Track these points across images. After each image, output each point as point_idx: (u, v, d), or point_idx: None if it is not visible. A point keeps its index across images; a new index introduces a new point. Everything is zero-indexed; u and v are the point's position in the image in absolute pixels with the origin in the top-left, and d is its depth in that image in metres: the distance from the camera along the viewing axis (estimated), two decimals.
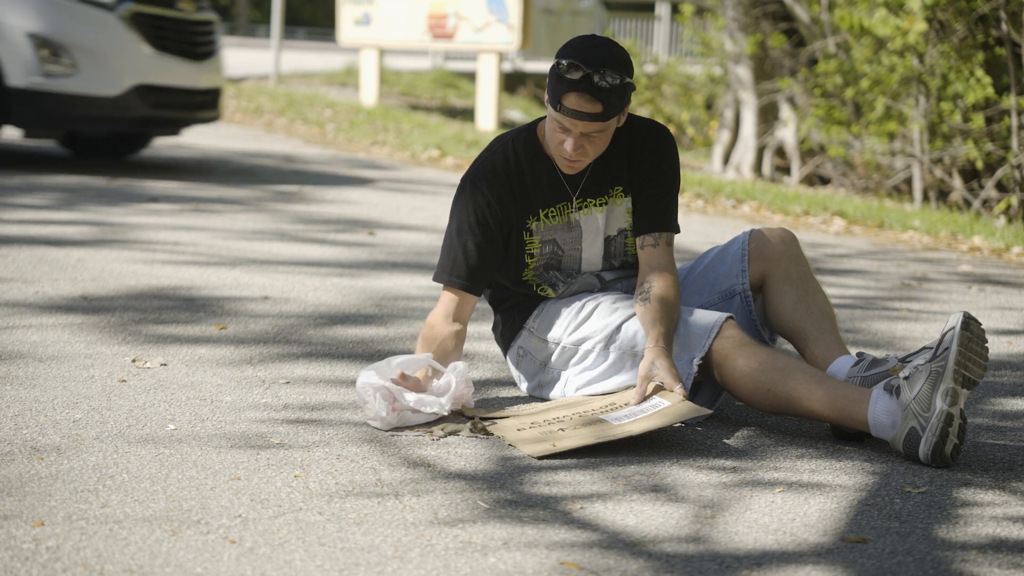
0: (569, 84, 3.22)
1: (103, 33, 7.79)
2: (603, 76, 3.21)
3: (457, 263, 3.38)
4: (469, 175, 3.43)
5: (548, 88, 3.29)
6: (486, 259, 3.40)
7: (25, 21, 7.53)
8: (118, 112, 7.91)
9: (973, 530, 2.67)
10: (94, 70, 7.74)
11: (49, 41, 7.55)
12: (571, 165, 3.37)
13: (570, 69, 3.22)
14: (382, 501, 2.67)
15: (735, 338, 3.25)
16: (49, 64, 7.58)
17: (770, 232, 3.52)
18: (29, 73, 7.56)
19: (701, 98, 15.10)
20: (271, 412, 3.28)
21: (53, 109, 7.68)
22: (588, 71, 3.20)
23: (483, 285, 3.43)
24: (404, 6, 13.05)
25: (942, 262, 6.81)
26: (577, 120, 3.25)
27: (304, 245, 5.95)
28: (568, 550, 2.46)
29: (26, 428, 3.02)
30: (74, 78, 7.66)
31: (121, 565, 2.28)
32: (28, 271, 4.87)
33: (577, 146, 3.29)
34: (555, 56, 3.28)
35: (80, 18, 7.71)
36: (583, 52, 3.24)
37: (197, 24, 8.44)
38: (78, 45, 7.67)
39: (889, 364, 3.23)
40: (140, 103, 7.98)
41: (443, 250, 3.44)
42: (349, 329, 4.28)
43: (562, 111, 3.25)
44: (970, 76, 9.60)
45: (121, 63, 7.87)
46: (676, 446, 3.17)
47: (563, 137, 3.30)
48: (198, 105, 8.54)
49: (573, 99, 3.23)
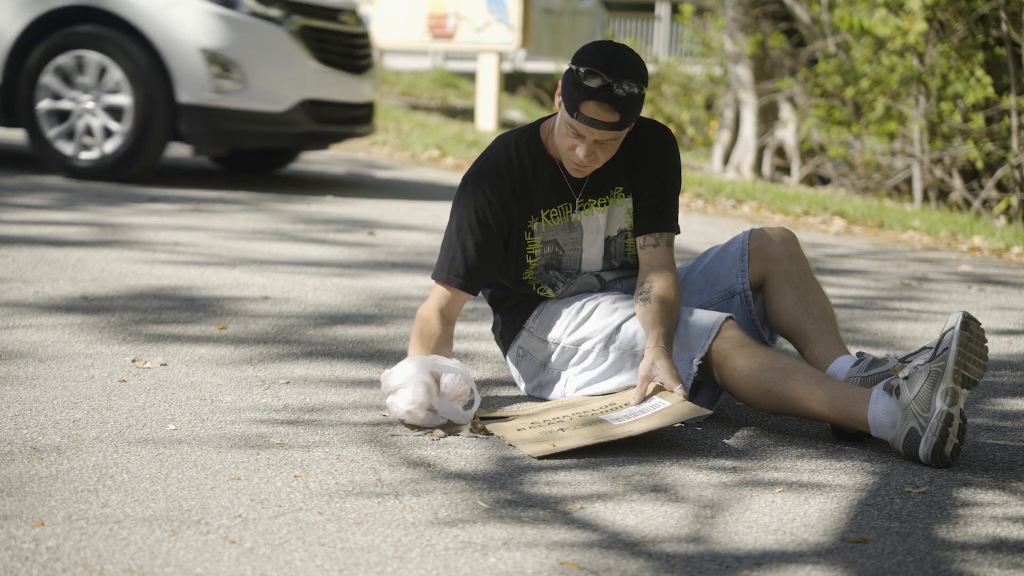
0: (588, 92, 3.20)
1: (272, 47, 7.64)
2: (623, 86, 3.20)
3: (456, 262, 3.38)
4: (471, 174, 3.42)
5: (563, 93, 3.26)
6: (485, 259, 3.40)
7: (198, 36, 7.38)
8: (284, 128, 7.73)
9: (973, 530, 2.67)
10: (262, 85, 7.58)
11: (220, 56, 7.40)
12: (580, 170, 3.37)
13: (589, 77, 3.19)
14: (382, 501, 2.67)
15: (735, 338, 3.25)
16: (220, 80, 7.42)
17: (770, 232, 3.52)
18: (200, 89, 7.41)
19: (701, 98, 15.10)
20: (271, 412, 3.28)
21: (222, 125, 7.50)
22: (608, 80, 3.19)
23: (480, 285, 3.43)
24: (404, 6, 13.05)
25: (942, 262, 6.81)
26: (593, 128, 3.24)
27: (304, 245, 5.95)
28: (568, 550, 2.46)
29: (26, 428, 3.02)
30: (243, 94, 7.49)
31: (121, 565, 2.28)
32: (28, 271, 4.87)
33: (589, 152, 3.29)
34: (572, 62, 3.25)
35: (250, 32, 7.54)
36: (603, 60, 3.21)
37: (357, 36, 8.28)
38: (248, 60, 7.51)
39: (889, 364, 3.23)
40: (305, 118, 7.79)
41: (442, 248, 3.43)
42: (349, 329, 4.28)
43: (579, 118, 3.24)
44: (970, 76, 9.60)
45: (288, 78, 7.71)
46: (676, 446, 3.17)
47: (575, 143, 3.29)
48: (356, 119, 8.34)
49: (591, 107, 3.22)
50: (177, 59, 7.40)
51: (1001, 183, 9.77)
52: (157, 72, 7.41)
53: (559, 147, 3.35)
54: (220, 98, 7.45)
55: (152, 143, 7.53)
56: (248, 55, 7.53)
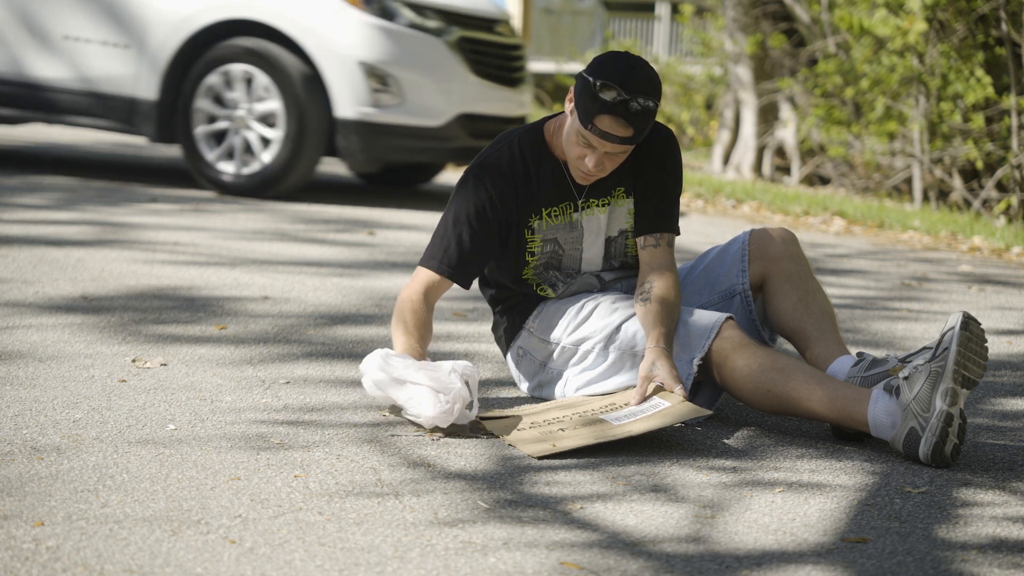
0: (604, 106, 3.20)
1: (431, 60, 7.40)
2: (638, 101, 3.19)
3: (450, 251, 3.38)
4: (473, 168, 3.42)
5: (577, 103, 3.25)
6: (479, 252, 3.40)
7: (357, 49, 7.19)
8: (440, 143, 7.50)
9: (973, 530, 2.67)
10: (420, 99, 7.34)
11: (379, 70, 7.19)
12: (586, 177, 3.37)
13: (606, 90, 3.18)
14: (382, 501, 2.67)
15: (735, 339, 3.25)
16: (378, 94, 7.22)
17: (770, 232, 3.52)
18: (358, 103, 7.21)
19: (701, 98, 15.09)
20: (271, 412, 3.28)
21: (378, 141, 7.30)
22: (625, 96, 3.18)
23: (468, 277, 3.42)
24: None
25: (942, 262, 6.81)
26: (605, 142, 3.24)
27: (304, 245, 5.95)
28: (568, 550, 2.46)
29: (26, 428, 3.02)
30: (400, 108, 7.29)
31: (121, 565, 2.28)
32: (28, 271, 4.87)
33: (598, 163, 3.29)
34: (588, 72, 3.23)
35: (409, 45, 7.32)
36: (620, 74, 3.20)
37: (512, 48, 8.02)
38: (406, 73, 7.29)
39: (889, 364, 3.24)
40: (461, 132, 7.54)
41: (435, 236, 3.42)
42: (349, 329, 4.28)
43: (592, 131, 3.23)
44: (970, 76, 9.60)
45: (446, 91, 7.45)
46: (676, 446, 3.17)
47: (585, 152, 3.29)
48: None
49: (607, 121, 3.22)
50: (336, 72, 7.21)
51: (1001, 183, 9.76)
52: (314, 86, 7.23)
53: (567, 154, 3.35)
54: (378, 113, 7.24)
55: (306, 157, 7.32)
56: (406, 68, 7.31)
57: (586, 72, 3.24)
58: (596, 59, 3.28)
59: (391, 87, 7.27)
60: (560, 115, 3.46)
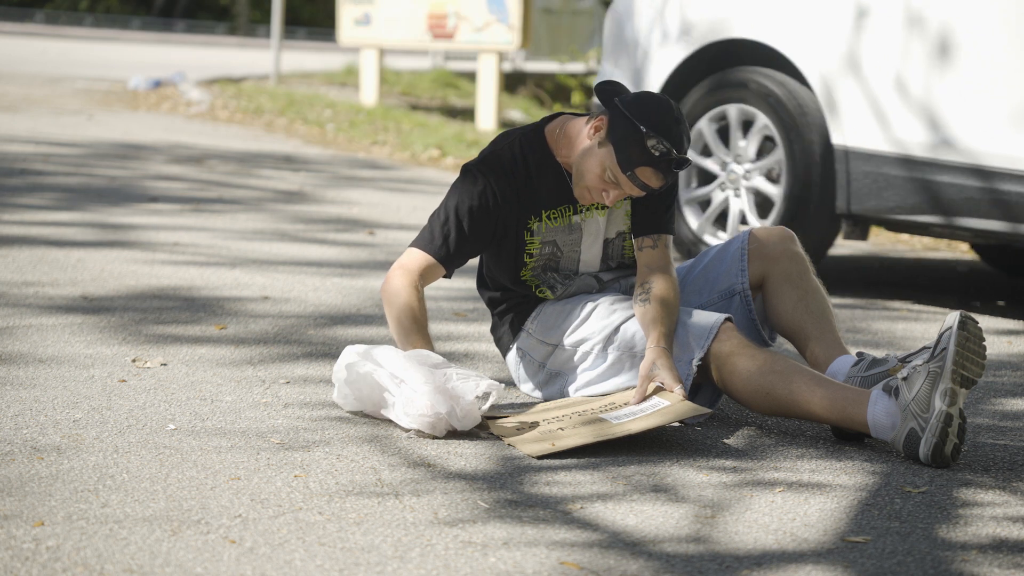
0: (649, 159, 3.22)
1: None
2: (683, 158, 3.23)
3: (449, 238, 3.38)
4: (475, 164, 3.42)
5: (618, 144, 3.24)
6: (475, 243, 3.40)
7: None
8: None
9: (973, 530, 2.67)
10: None
11: None
12: (590, 200, 3.38)
13: (656, 144, 3.21)
14: (382, 501, 2.67)
15: (733, 340, 3.25)
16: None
17: (769, 231, 3.52)
18: None
19: None
20: (271, 412, 3.28)
21: None
22: (674, 154, 3.22)
23: (455, 266, 3.44)
24: (404, 6, 13.05)
25: (942, 262, 6.81)
26: (638, 188, 3.27)
27: (304, 245, 5.95)
28: (568, 550, 2.46)
29: (26, 428, 3.02)
30: None
31: (121, 565, 2.28)
32: (28, 271, 4.87)
33: (617, 199, 3.32)
34: (634, 115, 3.22)
35: None
36: (667, 127, 3.22)
37: None
38: None
39: (889, 364, 3.24)
40: None
41: (430, 222, 3.42)
42: (349, 329, 4.28)
43: (631, 178, 3.25)
44: None
45: None
46: (676, 446, 3.17)
47: (608, 187, 3.31)
48: None
49: (648, 173, 3.25)
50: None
51: None
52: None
53: (584, 180, 3.34)
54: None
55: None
56: None
57: (630, 113, 3.24)
58: (637, 102, 3.27)
59: None
60: (561, 116, 3.46)
